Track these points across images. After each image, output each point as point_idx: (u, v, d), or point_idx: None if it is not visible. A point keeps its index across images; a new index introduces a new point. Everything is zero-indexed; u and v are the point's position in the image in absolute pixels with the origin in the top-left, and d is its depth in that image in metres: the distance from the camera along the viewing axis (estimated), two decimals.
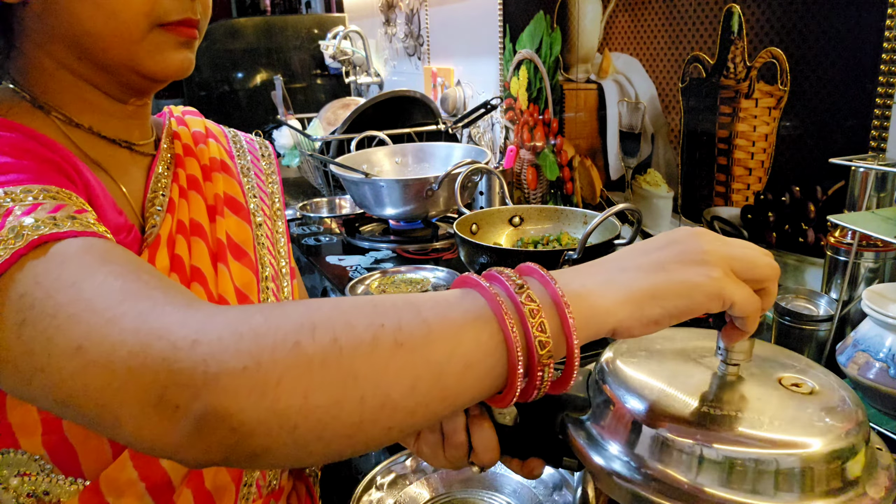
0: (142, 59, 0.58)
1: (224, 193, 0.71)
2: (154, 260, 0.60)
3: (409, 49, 2.51)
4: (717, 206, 1.22)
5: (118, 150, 0.64)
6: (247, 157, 0.78)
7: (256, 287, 0.68)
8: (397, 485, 0.76)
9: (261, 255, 0.70)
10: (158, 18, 0.57)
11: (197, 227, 0.66)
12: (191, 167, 0.70)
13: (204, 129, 0.76)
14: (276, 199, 0.79)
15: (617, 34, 1.41)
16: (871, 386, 0.78)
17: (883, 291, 0.81)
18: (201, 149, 0.73)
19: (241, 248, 0.69)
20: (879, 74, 0.91)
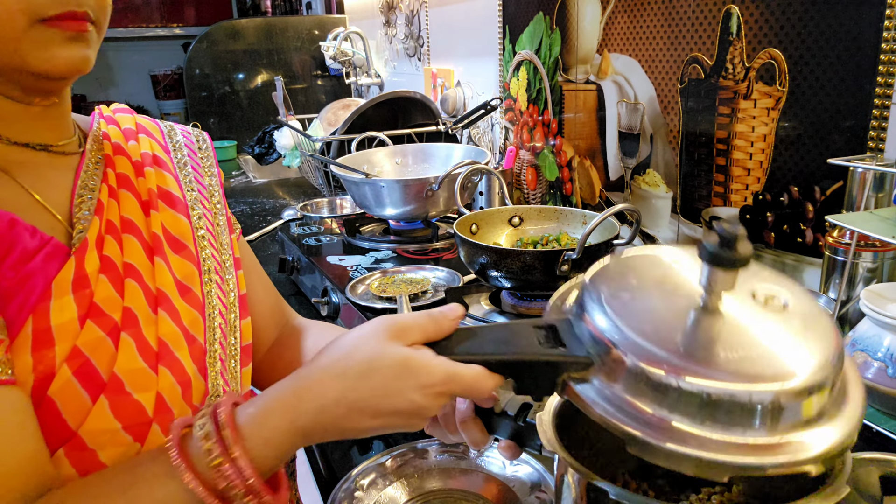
0: (27, 57, 0.55)
1: (158, 188, 0.69)
2: (83, 264, 0.58)
3: (409, 50, 2.52)
4: (715, 207, 1.22)
5: (32, 153, 0.62)
6: (183, 150, 0.77)
7: (199, 279, 0.67)
8: (377, 485, 0.76)
9: (201, 248, 0.69)
10: (36, 13, 0.54)
11: (128, 223, 0.65)
12: (121, 165, 0.68)
13: (135, 125, 0.75)
14: (216, 191, 0.77)
15: (616, 35, 1.41)
16: (870, 385, 0.78)
17: (881, 291, 0.81)
18: (132, 145, 0.71)
19: (179, 241, 0.67)
20: (877, 75, 0.91)
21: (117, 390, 0.56)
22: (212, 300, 0.67)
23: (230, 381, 0.67)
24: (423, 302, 1.10)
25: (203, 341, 0.64)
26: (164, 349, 0.60)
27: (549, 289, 1.03)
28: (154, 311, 0.61)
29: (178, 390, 0.59)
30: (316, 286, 1.35)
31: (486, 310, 1.07)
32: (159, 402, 0.58)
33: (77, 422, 0.54)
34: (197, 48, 3.01)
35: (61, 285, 0.56)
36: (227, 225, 0.76)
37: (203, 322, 0.65)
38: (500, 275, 1.01)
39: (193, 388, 0.61)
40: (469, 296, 1.12)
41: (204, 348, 0.63)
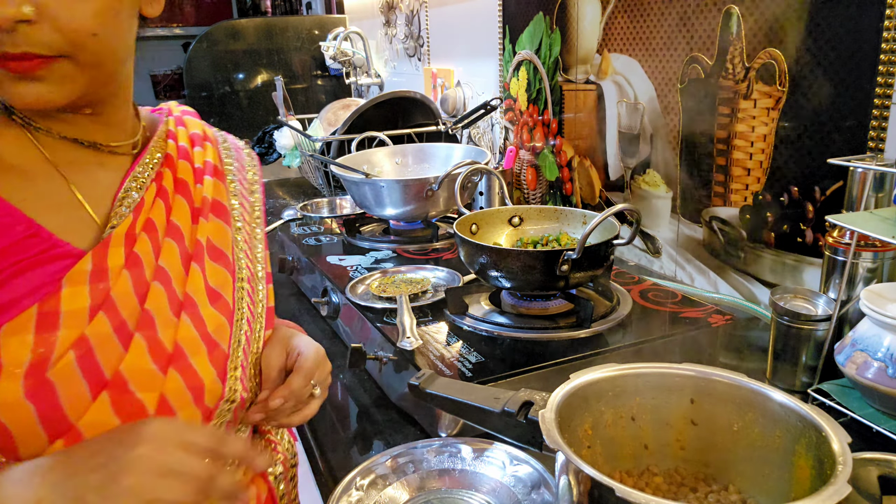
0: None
1: (212, 197, 0.71)
2: (105, 259, 0.60)
3: (409, 50, 2.52)
4: (715, 207, 1.22)
5: (82, 151, 0.64)
6: (234, 164, 0.79)
7: (232, 287, 0.69)
8: (377, 485, 0.76)
9: (238, 258, 0.71)
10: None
11: (175, 229, 0.66)
12: (182, 170, 0.70)
13: (202, 131, 0.77)
14: (257, 207, 0.80)
15: (616, 35, 1.41)
16: (870, 385, 0.78)
17: (881, 291, 0.81)
18: (197, 151, 0.73)
19: (219, 249, 0.69)
20: (877, 75, 0.91)
21: (121, 388, 0.57)
22: (242, 307, 0.69)
23: (249, 388, 0.68)
24: (423, 302, 1.10)
25: (227, 347, 0.65)
26: (178, 353, 0.61)
27: (549, 289, 1.03)
28: (177, 316, 0.62)
29: (187, 394, 0.60)
30: (316, 286, 1.35)
31: (486, 310, 1.07)
32: (162, 403, 0.59)
33: (77, 414, 0.55)
34: (197, 48, 3.01)
35: (75, 277, 0.58)
36: (264, 239, 0.78)
37: (230, 328, 0.66)
38: (500, 275, 1.01)
39: (208, 391, 0.62)
40: (469, 296, 1.12)
41: (227, 353, 0.65)
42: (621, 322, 1.02)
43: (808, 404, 0.58)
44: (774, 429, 0.60)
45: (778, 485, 0.60)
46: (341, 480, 0.76)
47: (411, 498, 0.75)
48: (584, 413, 0.62)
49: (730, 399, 0.63)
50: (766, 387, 0.62)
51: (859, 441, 0.81)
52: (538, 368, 0.90)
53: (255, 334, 0.71)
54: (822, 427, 0.55)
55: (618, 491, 0.47)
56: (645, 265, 1.42)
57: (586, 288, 1.14)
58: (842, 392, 0.86)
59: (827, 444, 0.54)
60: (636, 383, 0.64)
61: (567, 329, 0.99)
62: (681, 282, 1.32)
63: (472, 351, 0.94)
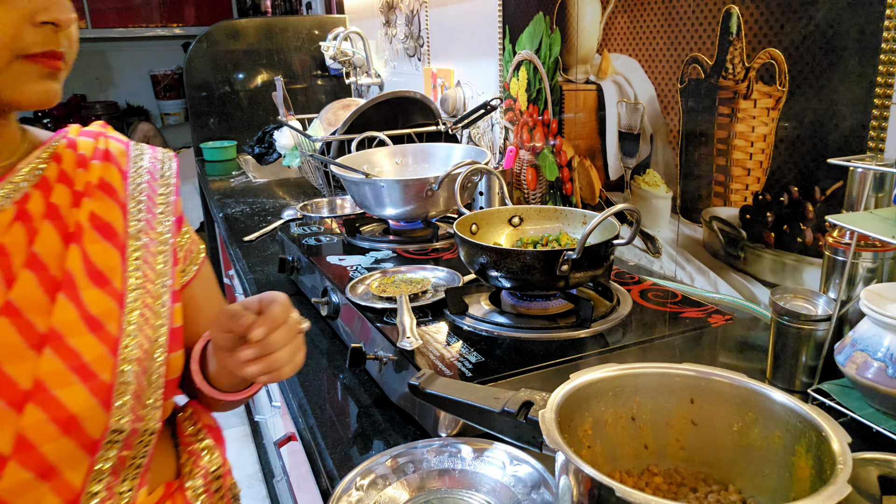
0: (4, 89, 0.58)
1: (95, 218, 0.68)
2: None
3: (409, 50, 2.52)
4: (715, 207, 1.22)
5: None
6: (144, 176, 0.75)
7: (118, 315, 0.66)
8: (377, 485, 0.76)
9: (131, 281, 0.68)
10: (21, 50, 0.57)
11: (33, 259, 0.63)
12: (57, 195, 0.67)
13: (91, 151, 0.73)
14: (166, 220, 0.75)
15: (616, 35, 1.41)
16: (870, 385, 0.78)
17: (881, 291, 0.81)
18: (80, 173, 0.70)
19: (103, 274, 0.66)
20: (878, 75, 0.91)
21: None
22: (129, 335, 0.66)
23: (144, 416, 0.66)
24: (423, 302, 1.10)
25: (111, 377, 0.63)
26: (38, 388, 0.59)
27: (549, 289, 1.03)
28: (37, 349, 0.60)
29: (51, 427, 0.59)
30: (316, 286, 1.35)
31: (486, 310, 1.07)
32: (20, 441, 0.57)
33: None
34: (197, 48, 3.01)
35: None
36: (172, 255, 0.74)
37: (113, 359, 0.64)
38: (500, 275, 1.01)
39: (89, 421, 0.61)
40: (469, 296, 1.12)
41: (109, 384, 0.63)
42: (621, 322, 1.02)
43: (808, 404, 0.58)
44: (774, 429, 0.60)
45: (778, 485, 0.60)
46: (341, 480, 0.76)
47: (411, 498, 0.75)
48: (584, 413, 0.62)
49: (730, 399, 0.63)
50: (766, 387, 0.62)
51: (859, 441, 0.81)
52: (538, 368, 0.90)
53: (152, 360, 0.68)
54: (822, 427, 0.55)
55: (618, 491, 0.47)
56: (645, 265, 1.42)
57: (586, 288, 1.14)
58: (842, 392, 0.86)
59: (827, 444, 0.54)
60: (636, 383, 0.64)
61: (567, 329, 0.99)
62: (681, 282, 1.32)
63: (472, 351, 0.94)
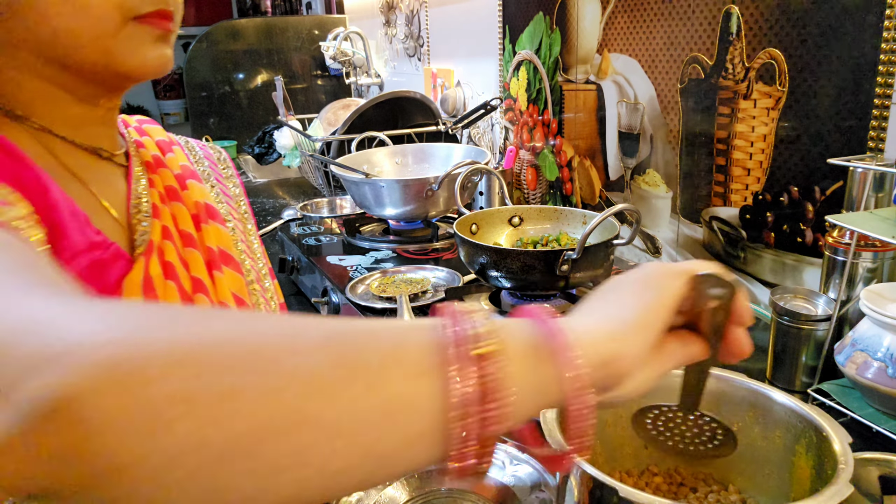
0: (117, 55, 0.55)
1: (203, 201, 0.68)
2: (149, 266, 0.57)
3: (409, 50, 2.52)
4: (715, 207, 1.22)
5: (95, 159, 0.61)
6: (204, 162, 0.76)
7: (246, 291, 0.67)
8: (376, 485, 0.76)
9: (241, 260, 0.69)
10: (131, 10, 0.54)
11: (187, 237, 0.64)
12: (165, 178, 0.67)
13: (167, 136, 0.73)
14: (241, 202, 0.77)
15: (616, 35, 1.41)
16: (870, 385, 0.78)
17: (881, 291, 0.81)
18: (170, 157, 0.70)
19: (227, 253, 0.67)
20: (877, 75, 0.91)
21: None
22: (259, 308, 0.67)
23: None
24: (423, 302, 1.10)
25: None
26: None
27: (549, 289, 1.03)
28: None
29: None
30: (316, 286, 1.35)
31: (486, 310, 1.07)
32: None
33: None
34: (197, 48, 3.01)
35: (131, 286, 0.55)
36: (256, 234, 0.76)
37: None
38: (500, 275, 1.01)
39: None
40: (469, 296, 1.12)
41: None
42: None
43: (808, 404, 0.59)
44: (775, 429, 0.60)
45: (778, 484, 0.60)
46: None
47: (411, 498, 0.74)
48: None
49: (729, 399, 0.63)
50: (765, 387, 0.62)
51: (859, 441, 0.81)
52: None
53: None
54: (822, 427, 0.55)
55: (621, 491, 0.47)
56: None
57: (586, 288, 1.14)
58: (842, 392, 0.86)
59: (827, 444, 0.54)
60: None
61: None
62: None
63: None
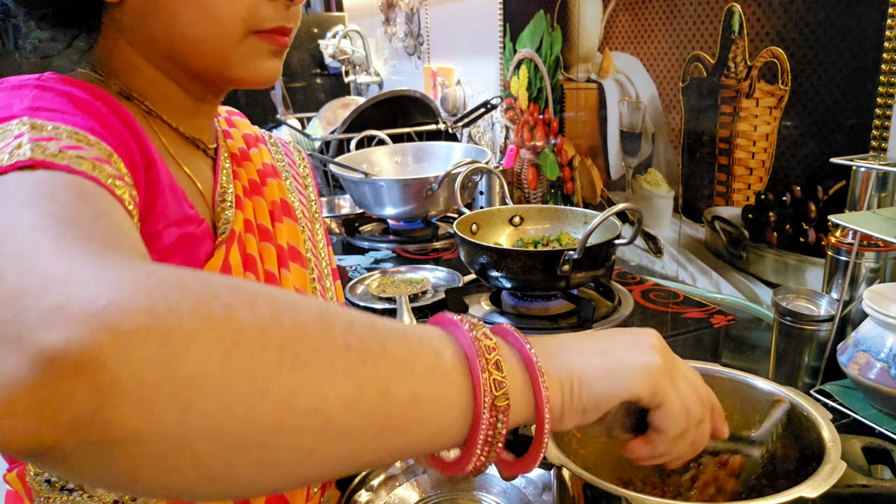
0: (234, 65, 0.58)
1: (280, 198, 0.71)
2: (229, 256, 0.59)
3: (408, 48, 2.51)
4: (717, 206, 1.22)
5: (192, 149, 0.64)
6: (284, 160, 0.78)
7: (309, 288, 0.68)
8: (387, 485, 0.76)
9: (308, 259, 0.71)
10: (255, 25, 0.57)
11: (265, 231, 0.66)
12: (249, 171, 0.69)
13: (253, 131, 0.76)
14: (314, 202, 0.79)
15: (617, 33, 1.40)
16: (872, 386, 0.78)
17: (884, 291, 0.80)
18: (254, 153, 0.72)
19: (296, 250, 0.69)
20: (880, 74, 0.91)
21: None
22: None
23: None
24: (423, 302, 1.10)
25: None
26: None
27: (549, 289, 1.03)
28: None
29: None
30: None
31: (486, 310, 1.07)
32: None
33: None
34: None
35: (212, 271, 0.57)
36: (325, 235, 0.77)
37: None
38: (500, 275, 1.00)
39: None
40: (469, 296, 1.11)
41: None
42: (623, 322, 1.01)
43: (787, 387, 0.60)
44: (754, 413, 0.62)
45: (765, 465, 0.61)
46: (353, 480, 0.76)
47: (422, 498, 0.74)
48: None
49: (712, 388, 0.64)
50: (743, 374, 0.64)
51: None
52: None
53: None
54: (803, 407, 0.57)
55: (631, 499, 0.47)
56: (646, 265, 1.42)
57: (587, 288, 1.13)
58: (844, 393, 0.85)
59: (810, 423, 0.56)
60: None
61: (568, 329, 0.99)
62: (683, 282, 1.32)
63: None
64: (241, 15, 0.55)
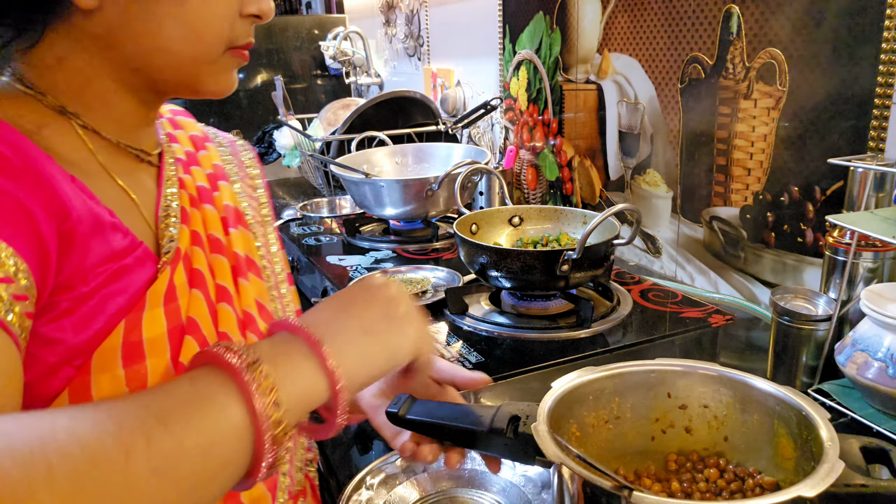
0: (205, 79, 0.58)
1: (232, 204, 0.68)
2: (174, 277, 0.57)
3: (409, 49, 2.52)
4: (715, 207, 1.22)
5: (132, 159, 0.61)
6: (232, 161, 0.75)
7: (268, 297, 0.66)
8: (387, 484, 0.76)
9: (262, 266, 0.68)
10: (231, 42, 0.57)
11: (215, 242, 0.63)
12: (197, 177, 0.66)
13: (199, 131, 0.73)
14: (264, 204, 0.76)
15: (616, 35, 1.41)
16: (870, 386, 0.78)
17: (881, 291, 0.81)
18: (203, 155, 0.69)
19: (250, 258, 0.66)
20: (878, 75, 0.91)
21: None
22: (279, 315, 0.67)
23: None
24: (423, 302, 1.10)
25: None
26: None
27: (549, 289, 1.03)
28: (244, 335, 0.61)
29: None
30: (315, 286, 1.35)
31: (486, 310, 1.07)
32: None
33: None
34: None
35: (155, 296, 0.54)
36: (277, 238, 0.75)
37: None
38: (500, 275, 1.01)
39: None
40: (469, 296, 1.12)
41: None
42: (622, 322, 1.02)
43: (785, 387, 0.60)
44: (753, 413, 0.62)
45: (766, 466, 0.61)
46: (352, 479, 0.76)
47: (421, 498, 0.75)
48: (570, 420, 0.62)
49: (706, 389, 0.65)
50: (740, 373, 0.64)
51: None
52: (538, 368, 0.90)
53: None
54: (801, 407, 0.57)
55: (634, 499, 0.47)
56: (645, 265, 1.42)
57: (586, 288, 1.14)
58: (842, 392, 0.85)
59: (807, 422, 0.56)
60: (614, 384, 0.65)
61: (567, 329, 0.99)
62: (681, 282, 1.32)
63: (472, 351, 0.94)
64: (222, 35, 0.56)
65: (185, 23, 0.54)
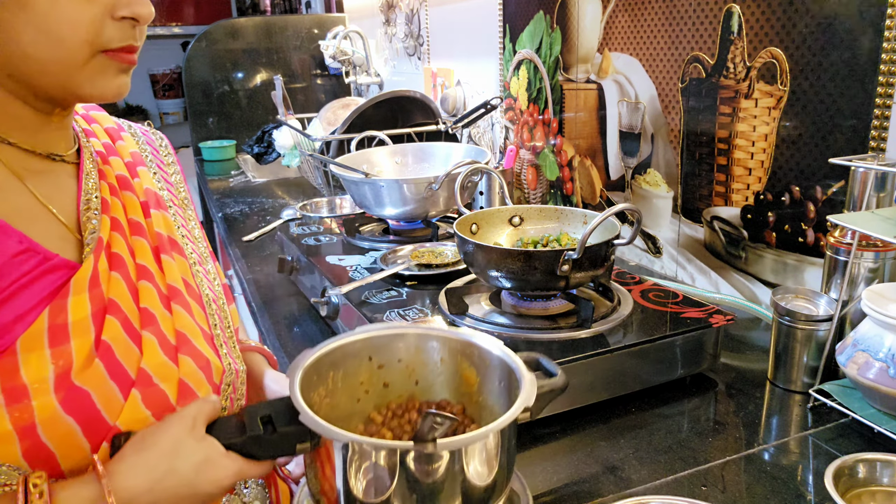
0: (80, 84, 0.58)
1: (150, 188, 0.71)
2: (97, 264, 0.60)
3: (409, 49, 2.51)
4: (716, 206, 1.22)
5: (45, 162, 0.63)
6: (147, 149, 0.78)
7: (191, 272, 0.70)
8: None
9: (184, 244, 0.72)
10: (102, 45, 0.57)
11: (136, 226, 0.67)
12: (116, 166, 0.69)
13: (114, 123, 0.75)
14: (181, 187, 0.79)
15: (617, 34, 1.41)
16: (871, 386, 0.78)
17: (882, 291, 0.81)
18: (120, 145, 0.72)
19: (172, 238, 0.70)
20: (879, 74, 0.91)
21: (146, 383, 0.59)
22: (204, 290, 0.71)
23: (237, 358, 0.71)
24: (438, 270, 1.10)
25: (208, 327, 0.68)
26: (182, 340, 0.63)
27: (549, 289, 1.03)
28: (168, 309, 0.64)
29: (199, 374, 0.63)
30: (315, 286, 1.35)
31: (486, 310, 1.07)
32: (182, 388, 0.61)
33: (114, 416, 0.57)
34: (196, 47, 3.00)
35: (78, 283, 0.58)
36: (196, 218, 0.79)
37: (204, 312, 0.69)
38: (500, 275, 1.00)
39: (213, 369, 0.65)
40: (469, 296, 1.11)
41: (210, 334, 0.67)
42: (622, 322, 1.01)
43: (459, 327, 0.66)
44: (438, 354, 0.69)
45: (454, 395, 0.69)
46: None
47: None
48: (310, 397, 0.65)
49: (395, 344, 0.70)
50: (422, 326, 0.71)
51: (861, 442, 0.81)
52: None
53: (223, 311, 0.73)
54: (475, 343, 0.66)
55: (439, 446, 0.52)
56: (646, 265, 1.42)
57: (587, 288, 1.13)
58: (843, 392, 0.85)
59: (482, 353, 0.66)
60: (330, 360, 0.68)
61: (567, 329, 0.99)
62: (682, 282, 1.32)
63: None
64: (84, 37, 0.56)
65: (39, 27, 0.55)
